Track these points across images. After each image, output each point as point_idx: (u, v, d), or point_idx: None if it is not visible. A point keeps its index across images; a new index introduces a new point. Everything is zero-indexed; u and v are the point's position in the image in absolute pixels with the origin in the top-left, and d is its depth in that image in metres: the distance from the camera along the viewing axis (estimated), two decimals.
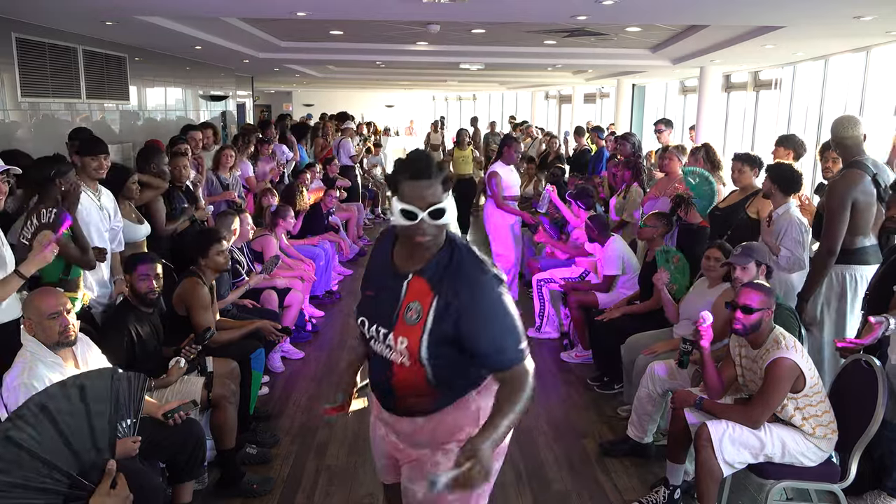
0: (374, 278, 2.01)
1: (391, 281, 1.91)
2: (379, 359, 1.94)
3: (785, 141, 4.96)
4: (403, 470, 2.07)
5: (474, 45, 8.62)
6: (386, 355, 1.90)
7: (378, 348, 1.92)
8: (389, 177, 1.87)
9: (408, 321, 1.85)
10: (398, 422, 2.01)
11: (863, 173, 3.57)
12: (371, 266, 2.04)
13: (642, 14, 5.69)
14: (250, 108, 13.47)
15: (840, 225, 3.54)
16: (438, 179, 1.78)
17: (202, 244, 3.80)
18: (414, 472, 2.01)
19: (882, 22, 5.31)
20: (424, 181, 1.76)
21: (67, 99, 6.04)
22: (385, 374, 1.93)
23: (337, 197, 7.76)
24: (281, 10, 5.41)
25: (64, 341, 2.57)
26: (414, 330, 1.84)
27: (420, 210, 1.75)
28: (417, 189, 1.76)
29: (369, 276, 2.04)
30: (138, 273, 3.24)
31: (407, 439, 2.02)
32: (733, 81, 10.51)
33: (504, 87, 18.09)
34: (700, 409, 2.98)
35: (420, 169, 1.77)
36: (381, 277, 1.96)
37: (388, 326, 1.88)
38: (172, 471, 2.94)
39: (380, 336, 1.90)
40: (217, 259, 3.79)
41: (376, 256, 2.04)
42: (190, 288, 3.66)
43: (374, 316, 1.92)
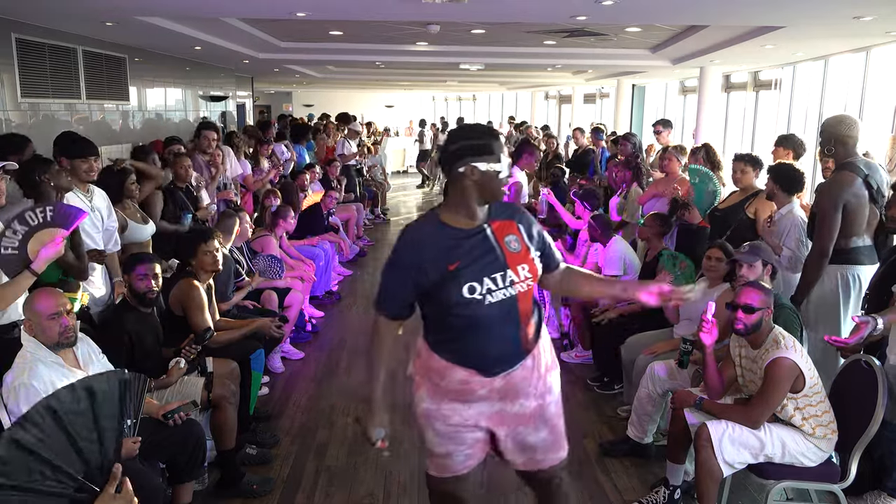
0: (447, 254, 2.07)
1: (471, 240, 2.09)
2: (498, 312, 2.08)
3: (784, 141, 4.96)
4: (509, 432, 2.23)
5: (474, 46, 8.62)
6: (510, 294, 2.09)
7: (498, 297, 2.07)
8: (468, 143, 2.06)
9: (515, 251, 2.12)
10: (511, 379, 2.16)
11: (854, 175, 3.57)
12: (430, 251, 2.08)
13: (642, 14, 5.69)
14: (250, 108, 13.47)
15: (832, 227, 3.55)
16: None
17: (189, 244, 3.78)
18: (526, 421, 2.21)
19: (882, 22, 5.31)
20: (500, 141, 2.09)
21: (67, 99, 6.04)
22: (512, 317, 2.12)
23: (337, 198, 7.76)
24: (281, 10, 5.41)
25: (64, 341, 2.58)
26: (523, 254, 2.13)
27: (503, 162, 2.06)
28: (500, 146, 2.07)
29: (437, 257, 2.07)
30: (136, 273, 3.24)
31: (513, 394, 2.18)
32: (733, 81, 10.51)
33: (504, 88, 18.10)
34: (700, 409, 2.98)
35: (493, 130, 2.13)
36: (456, 247, 2.08)
37: (502, 268, 2.08)
38: (172, 471, 2.94)
39: (498, 283, 2.07)
40: (204, 258, 3.75)
41: (428, 242, 2.09)
42: (186, 289, 3.64)
43: (480, 273, 2.06)
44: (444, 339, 2.18)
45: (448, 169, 2.08)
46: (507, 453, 2.29)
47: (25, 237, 2.84)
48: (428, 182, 15.62)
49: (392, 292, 2.16)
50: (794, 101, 8.77)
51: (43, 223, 2.90)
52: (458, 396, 2.19)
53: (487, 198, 2.10)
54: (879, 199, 3.66)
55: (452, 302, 2.06)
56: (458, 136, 2.10)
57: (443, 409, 2.21)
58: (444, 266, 2.05)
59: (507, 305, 2.10)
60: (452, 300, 2.05)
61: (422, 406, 2.25)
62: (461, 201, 2.09)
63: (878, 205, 3.65)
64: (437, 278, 2.05)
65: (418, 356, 2.29)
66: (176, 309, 3.65)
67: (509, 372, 2.16)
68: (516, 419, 2.22)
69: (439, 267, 2.05)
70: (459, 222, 2.11)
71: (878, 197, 3.64)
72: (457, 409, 2.20)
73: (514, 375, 2.17)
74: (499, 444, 2.27)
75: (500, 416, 2.21)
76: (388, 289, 2.17)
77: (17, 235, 2.84)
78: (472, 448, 2.26)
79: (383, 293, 2.19)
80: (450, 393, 2.19)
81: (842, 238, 3.59)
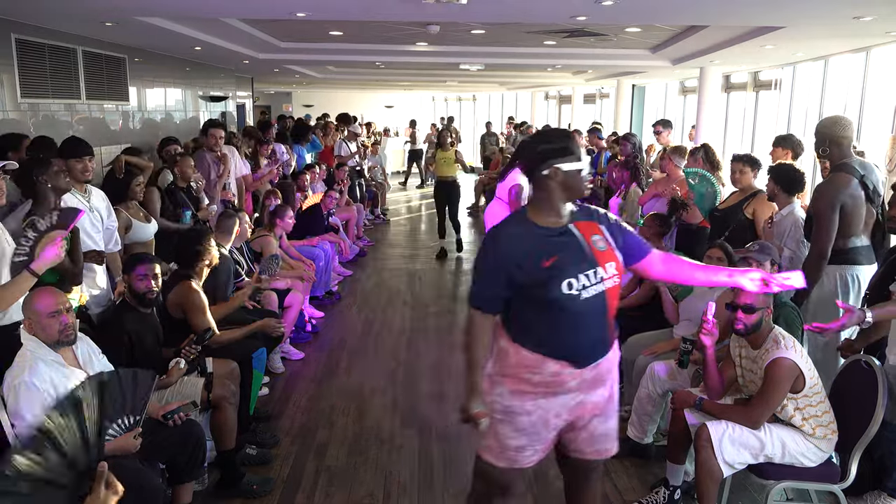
0: (541, 251, 2.19)
1: (561, 238, 2.22)
2: (593, 306, 2.21)
3: (783, 141, 4.97)
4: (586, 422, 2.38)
5: (474, 46, 8.62)
6: (600, 290, 2.22)
7: (592, 292, 2.20)
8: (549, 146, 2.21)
9: (602, 249, 2.25)
10: (595, 371, 2.30)
11: (850, 176, 3.57)
12: (523, 248, 2.20)
13: (642, 14, 5.69)
14: (250, 108, 13.47)
15: (829, 228, 3.55)
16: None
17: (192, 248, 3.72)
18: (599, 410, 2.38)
19: (882, 22, 5.31)
20: (576, 142, 2.25)
21: (67, 100, 6.04)
22: (604, 312, 2.26)
23: (337, 198, 7.76)
24: (280, 10, 5.41)
25: (64, 339, 2.58)
26: (609, 252, 2.26)
27: (582, 162, 2.23)
28: (578, 147, 2.22)
29: (531, 253, 2.18)
30: (136, 273, 3.23)
31: (595, 383, 2.33)
32: (733, 82, 10.51)
33: (504, 88, 18.09)
34: (700, 409, 2.98)
35: (570, 133, 2.34)
36: (550, 244, 2.20)
37: (593, 265, 2.21)
38: (172, 471, 2.94)
39: (590, 279, 2.20)
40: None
41: (521, 239, 2.21)
42: (184, 292, 3.63)
43: (576, 270, 2.19)
44: (538, 334, 2.26)
45: (531, 172, 2.23)
46: (577, 443, 2.43)
47: (36, 243, 2.88)
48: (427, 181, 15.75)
49: (488, 289, 2.26)
50: (794, 101, 8.76)
51: (50, 227, 2.94)
52: (546, 389, 2.28)
53: (572, 196, 2.25)
54: (876, 199, 3.66)
55: (552, 297, 2.17)
56: (538, 141, 2.27)
57: (526, 405, 2.31)
58: (539, 263, 2.17)
59: (599, 300, 2.23)
60: (552, 296, 2.17)
61: (504, 403, 2.32)
62: (547, 202, 2.24)
63: (874, 205, 3.65)
64: (534, 274, 2.17)
65: (499, 357, 2.34)
66: (175, 312, 3.64)
67: (598, 363, 2.31)
68: (594, 408, 2.37)
69: (534, 263, 2.17)
70: (548, 222, 2.24)
71: (875, 197, 3.65)
72: (540, 404, 2.30)
73: (601, 366, 2.32)
74: (572, 435, 2.41)
75: (581, 406, 2.34)
76: (483, 285, 2.27)
77: (29, 243, 2.89)
78: (544, 444, 2.38)
79: (479, 290, 2.28)
80: (538, 387, 2.28)
81: (840, 238, 3.59)
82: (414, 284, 7.47)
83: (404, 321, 6.16)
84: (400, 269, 8.14)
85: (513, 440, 2.35)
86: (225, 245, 4.46)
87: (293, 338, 5.30)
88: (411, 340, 5.64)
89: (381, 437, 3.96)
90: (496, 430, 2.36)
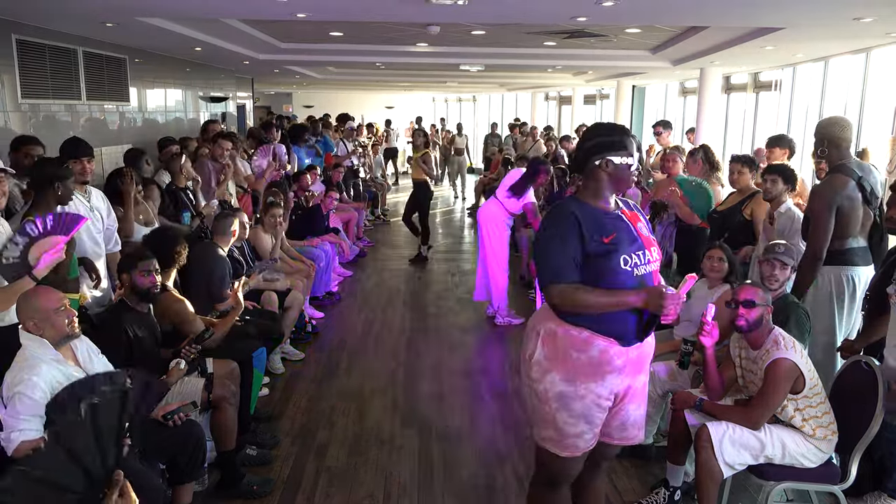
0: (600, 228, 2.32)
1: (613, 221, 2.36)
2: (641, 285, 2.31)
3: (779, 141, 4.99)
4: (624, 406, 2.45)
5: (474, 47, 8.62)
6: (648, 271, 2.35)
7: (642, 271, 2.33)
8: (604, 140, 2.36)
9: (647, 235, 2.41)
10: (642, 349, 2.41)
11: (847, 178, 3.57)
12: (585, 223, 2.31)
13: (642, 15, 5.69)
14: (250, 109, 13.47)
15: (826, 230, 3.55)
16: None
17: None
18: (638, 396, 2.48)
19: (882, 23, 5.31)
20: (631, 138, 2.39)
21: (68, 100, 6.04)
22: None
23: (336, 198, 7.76)
24: (281, 11, 5.41)
25: (72, 333, 2.61)
26: (651, 238, 2.44)
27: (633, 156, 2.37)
28: (632, 143, 2.36)
29: (592, 229, 2.30)
30: (140, 269, 3.22)
31: (640, 364, 2.43)
32: (733, 83, 10.52)
33: (504, 89, 18.09)
34: (700, 410, 2.98)
35: (627, 129, 2.43)
36: (606, 223, 2.34)
37: (642, 247, 2.36)
38: (172, 472, 2.93)
39: (641, 258, 2.34)
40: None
41: (581, 216, 2.32)
42: (169, 304, 3.60)
43: (629, 248, 2.32)
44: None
45: (584, 162, 2.37)
46: (609, 427, 2.48)
47: (26, 247, 2.89)
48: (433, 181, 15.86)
49: (566, 260, 2.31)
50: (795, 102, 8.77)
51: (43, 233, 2.94)
52: (594, 371, 2.34)
53: (619, 187, 2.40)
54: (873, 201, 3.66)
55: (609, 270, 2.28)
56: (593, 134, 2.42)
57: (579, 390, 2.36)
58: (599, 238, 2.30)
59: (648, 280, 2.35)
60: (610, 268, 2.28)
61: (556, 389, 2.38)
62: (598, 190, 2.38)
63: (871, 206, 3.65)
64: (595, 248, 2.29)
65: (547, 339, 2.40)
66: (164, 324, 3.59)
67: (641, 344, 2.40)
68: (634, 394, 2.46)
69: (595, 238, 2.30)
70: (600, 206, 2.38)
71: (872, 199, 3.65)
72: (591, 388, 2.36)
73: (644, 347, 2.42)
74: (610, 420, 2.46)
75: (626, 389, 2.42)
76: (559, 259, 2.32)
77: (18, 247, 2.89)
78: (598, 428, 2.44)
79: (556, 265, 2.32)
80: (586, 368, 2.34)
81: (836, 239, 3.59)
82: (414, 284, 7.47)
83: (404, 321, 6.16)
84: (400, 270, 8.14)
85: (571, 426, 2.40)
86: (223, 245, 4.45)
87: (293, 338, 5.29)
88: (411, 341, 5.64)
89: (381, 437, 3.96)
90: (553, 418, 2.41)
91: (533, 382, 2.43)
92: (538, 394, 2.43)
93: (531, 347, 2.43)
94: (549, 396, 2.39)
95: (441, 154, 16.42)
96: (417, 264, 8.39)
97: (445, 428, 4.07)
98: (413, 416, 4.25)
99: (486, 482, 3.48)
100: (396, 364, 5.12)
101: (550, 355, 2.39)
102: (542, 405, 2.43)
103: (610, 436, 2.51)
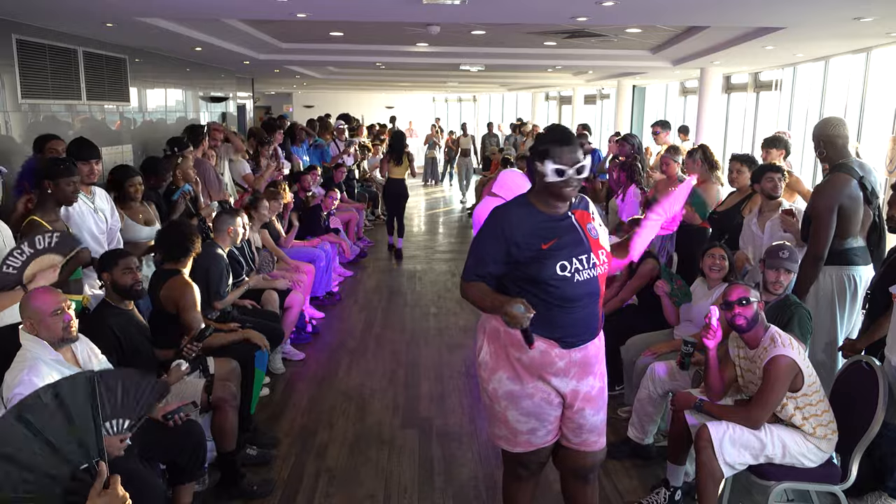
0: (540, 234, 2.31)
1: (560, 224, 2.34)
2: (583, 290, 2.34)
3: (775, 142, 5.01)
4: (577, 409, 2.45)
5: (474, 47, 8.62)
6: (592, 275, 2.35)
7: (584, 276, 2.33)
8: (536, 144, 2.33)
9: (595, 237, 2.39)
10: (583, 354, 2.41)
11: (849, 177, 3.57)
12: (523, 228, 2.31)
13: (642, 15, 5.69)
14: (251, 109, 13.47)
15: (827, 229, 3.54)
16: (578, 144, 2.31)
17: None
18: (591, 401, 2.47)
19: (882, 23, 5.31)
20: (569, 146, 2.28)
21: (68, 100, 6.04)
22: (593, 296, 2.39)
23: (337, 199, 7.75)
24: (281, 11, 5.41)
25: (67, 337, 2.59)
26: (600, 241, 2.41)
27: (568, 167, 2.25)
28: (566, 153, 2.26)
29: (531, 234, 2.30)
30: (121, 267, 3.18)
31: (585, 370, 2.43)
32: (733, 83, 10.51)
33: (504, 89, 18.10)
34: (700, 411, 2.98)
35: (567, 136, 2.31)
36: (547, 228, 2.32)
37: (587, 251, 2.35)
38: (172, 472, 2.93)
39: (583, 264, 2.33)
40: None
41: (521, 221, 2.32)
42: (180, 286, 3.60)
43: (570, 254, 2.32)
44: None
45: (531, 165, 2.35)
46: (568, 431, 2.51)
47: (28, 259, 2.90)
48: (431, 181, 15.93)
49: (483, 262, 2.35)
50: (795, 102, 8.77)
51: (46, 248, 2.96)
52: (537, 371, 2.38)
53: (553, 194, 2.32)
54: (873, 200, 3.66)
55: (545, 277, 2.29)
56: (536, 139, 2.40)
57: (527, 388, 2.40)
58: (537, 244, 2.29)
59: (590, 285, 2.36)
60: (545, 276, 2.29)
61: (504, 388, 2.41)
62: (542, 194, 2.35)
63: (871, 205, 3.65)
64: (531, 254, 2.29)
65: (491, 338, 2.44)
66: (169, 307, 3.61)
67: (585, 346, 2.41)
68: (586, 398, 2.45)
69: (532, 244, 2.29)
70: (548, 208, 2.36)
71: (872, 198, 3.64)
72: (539, 386, 2.40)
73: (588, 350, 2.43)
74: (565, 422, 2.49)
75: (574, 393, 2.44)
76: (479, 258, 2.36)
77: (22, 256, 2.89)
78: (553, 425, 2.48)
79: (474, 262, 2.37)
80: (530, 368, 2.37)
81: (837, 239, 3.59)
82: (414, 284, 7.47)
83: (404, 321, 6.16)
84: (400, 270, 8.14)
85: (522, 424, 2.42)
86: (223, 245, 4.45)
87: (294, 338, 5.30)
88: (411, 341, 5.64)
89: (381, 437, 3.96)
90: (504, 417, 2.42)
91: (483, 382, 2.46)
92: (488, 393, 2.46)
93: (478, 346, 2.47)
94: (499, 395, 2.42)
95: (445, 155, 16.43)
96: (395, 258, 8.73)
97: (445, 428, 4.06)
98: (413, 416, 4.25)
99: (486, 482, 3.48)
100: (396, 364, 5.12)
101: (496, 354, 2.41)
102: (492, 403, 2.47)
103: (567, 438, 2.52)
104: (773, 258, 3.29)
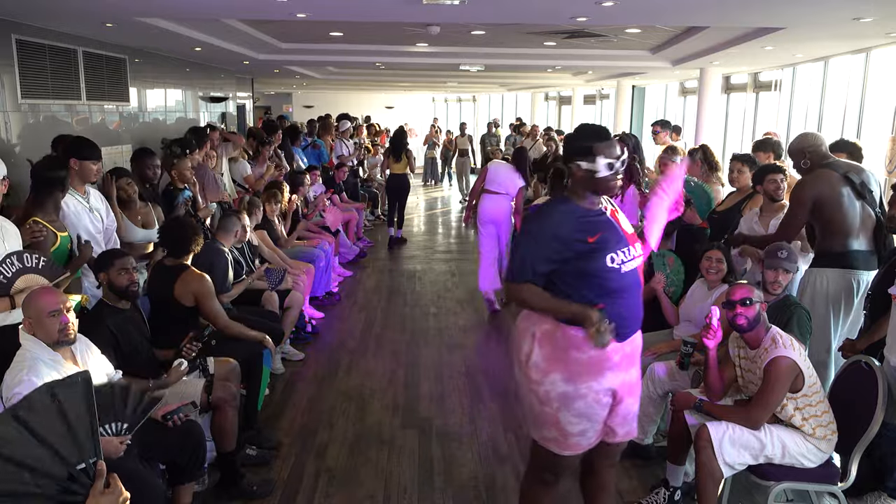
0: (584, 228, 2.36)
1: (600, 218, 2.41)
2: (630, 280, 2.40)
3: (762, 146, 5.03)
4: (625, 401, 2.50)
5: (474, 47, 8.62)
6: (633, 267, 2.41)
7: (627, 267, 2.39)
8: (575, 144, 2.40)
9: (629, 232, 2.46)
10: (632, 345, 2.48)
11: (830, 171, 3.65)
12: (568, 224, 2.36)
13: (642, 15, 5.69)
14: (250, 109, 13.47)
15: (796, 219, 3.71)
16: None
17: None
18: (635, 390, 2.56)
19: (882, 23, 5.31)
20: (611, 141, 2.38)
21: (68, 100, 6.04)
22: (638, 286, 2.46)
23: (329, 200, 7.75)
24: (281, 11, 5.41)
25: (64, 339, 2.57)
26: (635, 234, 2.49)
27: (616, 161, 2.35)
28: (611, 147, 2.35)
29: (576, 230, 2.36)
30: (117, 267, 3.18)
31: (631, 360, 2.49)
32: (733, 83, 10.51)
33: (504, 89, 18.09)
34: (700, 411, 2.98)
35: (606, 132, 2.41)
36: (589, 223, 2.38)
37: (626, 243, 2.41)
38: (172, 472, 2.93)
39: (627, 255, 2.39)
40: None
41: (564, 217, 2.38)
42: (196, 279, 3.65)
43: (616, 246, 2.37)
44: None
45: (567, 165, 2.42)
46: (616, 426, 2.53)
47: (17, 273, 3.00)
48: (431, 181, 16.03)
49: (531, 262, 2.37)
50: (795, 102, 8.77)
51: (34, 268, 3.04)
52: (592, 369, 2.38)
53: (596, 190, 2.40)
54: (867, 195, 3.64)
55: (597, 270, 2.34)
56: (570, 137, 2.48)
57: (580, 389, 2.40)
58: (584, 239, 2.34)
59: (634, 275, 2.43)
60: (597, 268, 2.34)
61: (558, 390, 2.41)
62: (580, 191, 2.42)
63: (867, 202, 3.64)
64: (580, 249, 2.34)
65: (544, 340, 2.42)
66: (187, 301, 3.63)
67: (633, 337, 2.47)
68: (630, 388, 2.51)
69: (580, 239, 2.34)
70: (586, 204, 2.42)
71: (866, 192, 3.63)
72: (592, 386, 2.40)
73: (636, 340, 2.49)
74: (612, 417, 2.50)
75: (623, 386, 2.47)
76: (526, 259, 2.38)
77: (12, 268, 2.99)
78: (600, 426, 2.49)
79: (521, 264, 2.39)
80: (585, 367, 2.38)
81: (836, 239, 3.58)
82: (414, 284, 7.47)
83: (404, 321, 6.16)
84: (400, 270, 8.14)
85: (574, 426, 2.43)
86: (225, 244, 4.47)
87: (293, 338, 5.29)
88: (411, 341, 5.64)
89: (381, 437, 3.96)
90: (556, 419, 2.43)
91: (533, 384, 2.43)
92: (539, 395, 2.43)
93: (527, 349, 2.44)
94: (552, 397, 2.41)
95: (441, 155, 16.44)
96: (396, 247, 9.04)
97: (445, 428, 4.06)
98: (413, 416, 4.25)
99: (486, 482, 3.48)
100: (396, 364, 5.12)
101: (549, 356, 2.40)
102: (543, 406, 2.44)
103: (614, 432, 2.54)
104: (771, 258, 3.29)
